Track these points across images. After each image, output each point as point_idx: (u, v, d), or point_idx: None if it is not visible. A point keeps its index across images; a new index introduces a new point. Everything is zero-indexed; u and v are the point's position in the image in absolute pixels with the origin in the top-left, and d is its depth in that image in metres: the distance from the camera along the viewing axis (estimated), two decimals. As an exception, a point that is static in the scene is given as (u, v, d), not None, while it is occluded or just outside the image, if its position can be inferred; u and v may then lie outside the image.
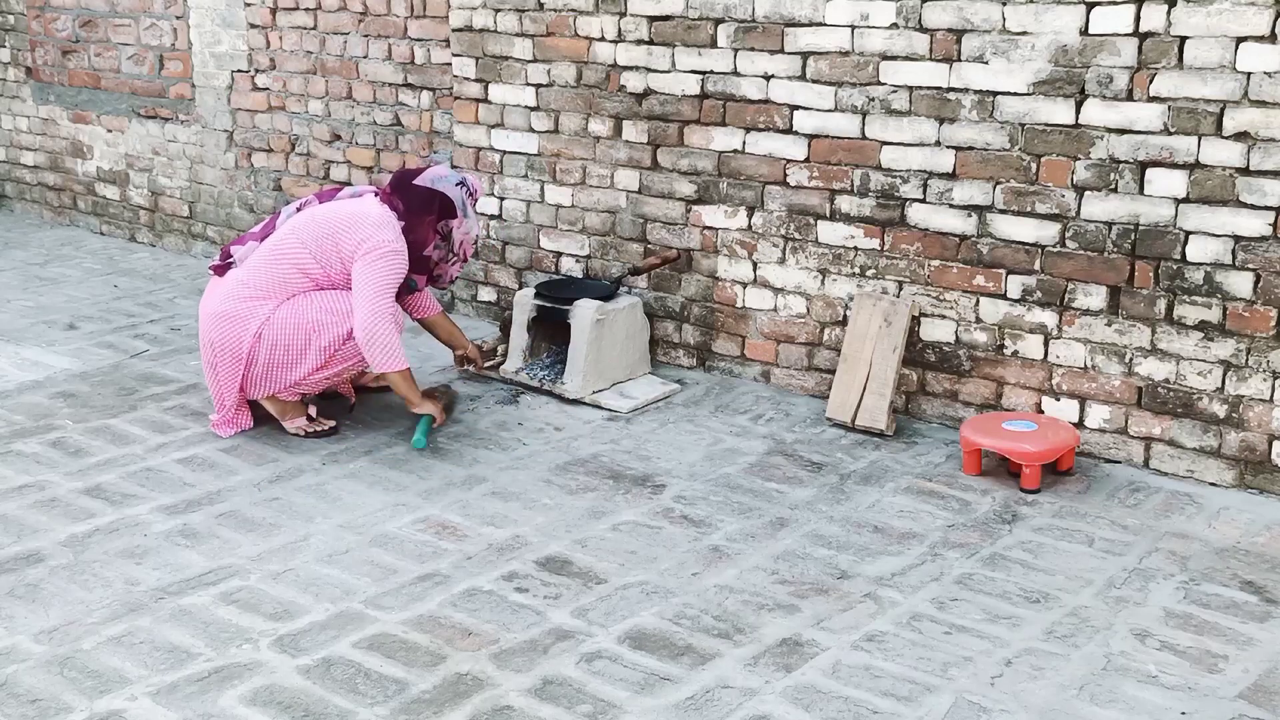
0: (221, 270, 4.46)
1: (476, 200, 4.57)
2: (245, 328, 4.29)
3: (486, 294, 5.74)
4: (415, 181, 4.44)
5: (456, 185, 4.48)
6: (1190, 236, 3.94)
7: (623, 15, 4.97)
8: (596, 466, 4.22)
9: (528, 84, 5.31)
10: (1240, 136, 3.80)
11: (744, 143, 4.78)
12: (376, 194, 4.48)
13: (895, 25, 4.34)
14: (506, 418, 4.62)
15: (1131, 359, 4.11)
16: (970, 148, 4.28)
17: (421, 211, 4.40)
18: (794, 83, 4.60)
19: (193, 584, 3.44)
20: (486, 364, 4.94)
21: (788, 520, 3.83)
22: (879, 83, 4.42)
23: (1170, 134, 3.90)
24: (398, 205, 4.39)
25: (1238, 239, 3.86)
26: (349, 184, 6.08)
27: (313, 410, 4.49)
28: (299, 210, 4.48)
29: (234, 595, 3.38)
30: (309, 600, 3.35)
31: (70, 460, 4.23)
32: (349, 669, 3.04)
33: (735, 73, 4.73)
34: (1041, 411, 4.31)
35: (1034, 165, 4.17)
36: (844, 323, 4.67)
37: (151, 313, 5.89)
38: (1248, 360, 3.92)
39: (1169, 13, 3.84)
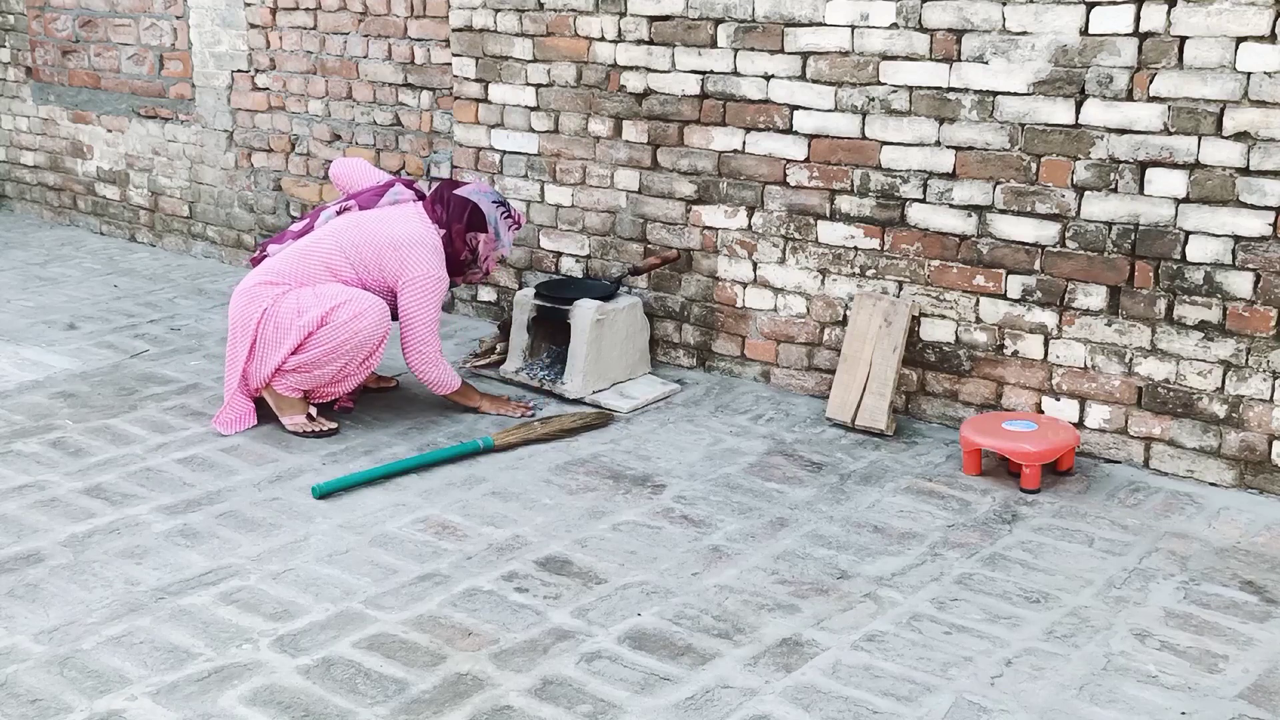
0: (258, 262, 4.62)
1: (518, 225, 4.68)
2: (258, 305, 4.39)
3: (486, 294, 5.74)
4: (455, 191, 4.59)
5: (493, 203, 4.58)
6: (1190, 236, 3.94)
7: (623, 15, 4.97)
8: (596, 466, 4.22)
9: (528, 84, 5.31)
10: (1240, 136, 3.80)
11: (744, 143, 4.78)
12: (416, 200, 4.62)
13: (895, 25, 4.34)
14: (507, 418, 4.62)
15: (1131, 359, 4.11)
16: (970, 148, 4.28)
17: (454, 220, 4.52)
18: (794, 83, 4.60)
19: (193, 584, 3.44)
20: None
21: (788, 520, 3.83)
22: (879, 83, 4.42)
23: (1170, 134, 3.90)
24: (439, 215, 4.54)
25: (1238, 239, 3.86)
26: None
27: (313, 410, 4.50)
28: (339, 213, 4.58)
29: (234, 595, 3.38)
30: (309, 600, 3.35)
31: (70, 460, 4.23)
32: (349, 669, 3.04)
33: (735, 73, 4.73)
34: (1041, 411, 4.31)
35: (1034, 165, 4.17)
36: (844, 323, 4.67)
37: (151, 313, 5.89)
38: (1248, 360, 3.92)
39: (1169, 13, 3.84)
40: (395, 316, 4.60)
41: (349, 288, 4.39)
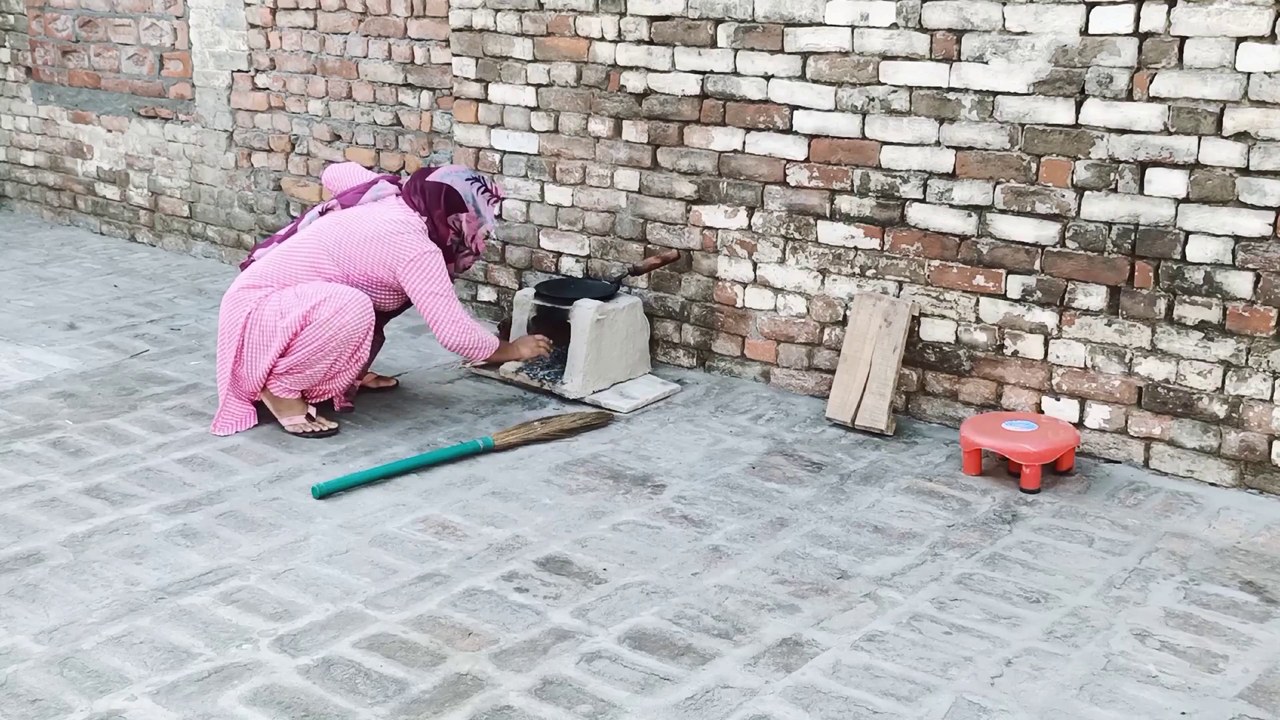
0: (246, 268, 4.59)
1: (499, 199, 4.68)
2: (242, 310, 4.38)
3: (486, 294, 5.74)
4: (428, 178, 4.56)
5: (467, 181, 4.55)
6: (1190, 236, 3.94)
7: (623, 15, 4.97)
8: (596, 466, 4.22)
9: (528, 84, 5.31)
10: (1240, 136, 3.80)
11: (744, 143, 4.78)
12: (396, 194, 4.59)
13: (895, 25, 4.34)
14: (507, 418, 4.62)
15: (1131, 359, 4.11)
16: (970, 148, 4.28)
17: (433, 206, 4.50)
18: (794, 83, 4.60)
19: (193, 584, 3.44)
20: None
21: (788, 520, 3.83)
22: (879, 83, 4.42)
23: (1170, 134, 3.90)
24: (419, 205, 4.52)
25: (1238, 239, 3.86)
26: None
27: (312, 410, 4.50)
28: (322, 214, 4.58)
29: (234, 595, 3.38)
30: (309, 600, 3.35)
31: (70, 460, 4.23)
32: (349, 669, 3.04)
33: (735, 73, 4.73)
34: (1041, 411, 4.31)
35: (1034, 165, 4.17)
36: (844, 323, 4.67)
37: (151, 313, 5.90)
38: (1248, 360, 3.92)
39: (1169, 13, 3.84)
40: (395, 311, 4.61)
41: (329, 284, 4.37)
